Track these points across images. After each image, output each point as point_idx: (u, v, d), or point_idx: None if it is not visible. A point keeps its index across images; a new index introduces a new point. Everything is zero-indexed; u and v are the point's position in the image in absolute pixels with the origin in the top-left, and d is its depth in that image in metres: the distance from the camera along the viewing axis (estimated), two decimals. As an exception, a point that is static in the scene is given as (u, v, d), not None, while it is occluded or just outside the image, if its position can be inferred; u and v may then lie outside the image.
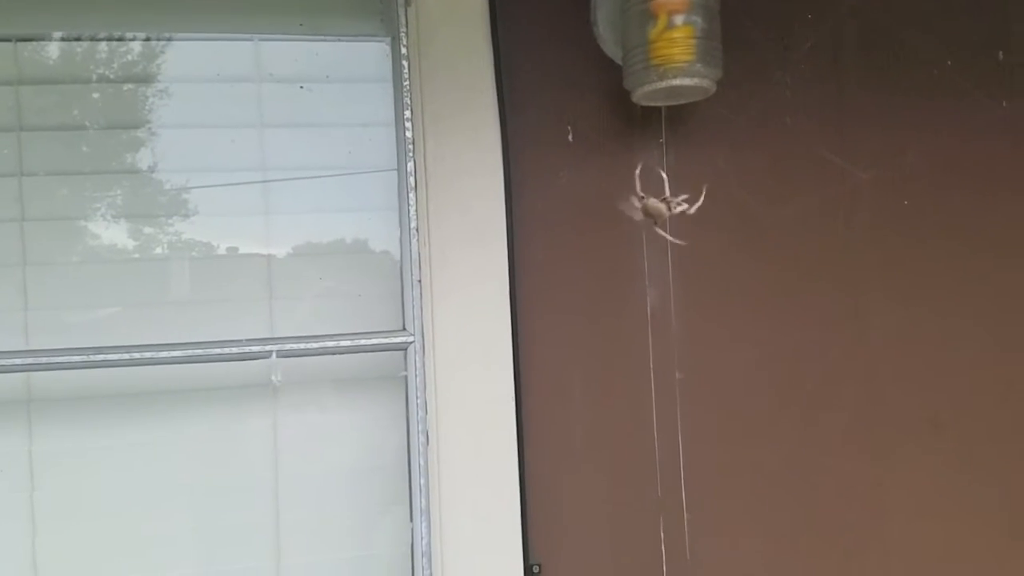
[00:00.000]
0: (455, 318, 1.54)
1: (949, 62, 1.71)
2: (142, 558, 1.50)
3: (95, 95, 1.53)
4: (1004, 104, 1.71)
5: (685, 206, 1.52)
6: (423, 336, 1.51)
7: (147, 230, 1.55)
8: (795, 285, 1.64)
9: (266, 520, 1.55)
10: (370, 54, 1.57)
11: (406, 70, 1.47)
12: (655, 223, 1.55)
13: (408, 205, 1.51)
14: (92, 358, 1.40)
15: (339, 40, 1.56)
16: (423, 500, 1.49)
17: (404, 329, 1.53)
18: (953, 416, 1.67)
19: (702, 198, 1.54)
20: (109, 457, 1.51)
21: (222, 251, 1.56)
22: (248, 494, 1.55)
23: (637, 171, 1.54)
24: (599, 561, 1.57)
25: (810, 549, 1.63)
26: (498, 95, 1.54)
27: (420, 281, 1.50)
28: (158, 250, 1.54)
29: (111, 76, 1.54)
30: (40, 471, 1.49)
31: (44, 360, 1.39)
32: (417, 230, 1.50)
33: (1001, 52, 1.73)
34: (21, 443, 1.48)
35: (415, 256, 1.50)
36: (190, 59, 1.54)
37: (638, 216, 1.55)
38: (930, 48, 1.70)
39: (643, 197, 1.53)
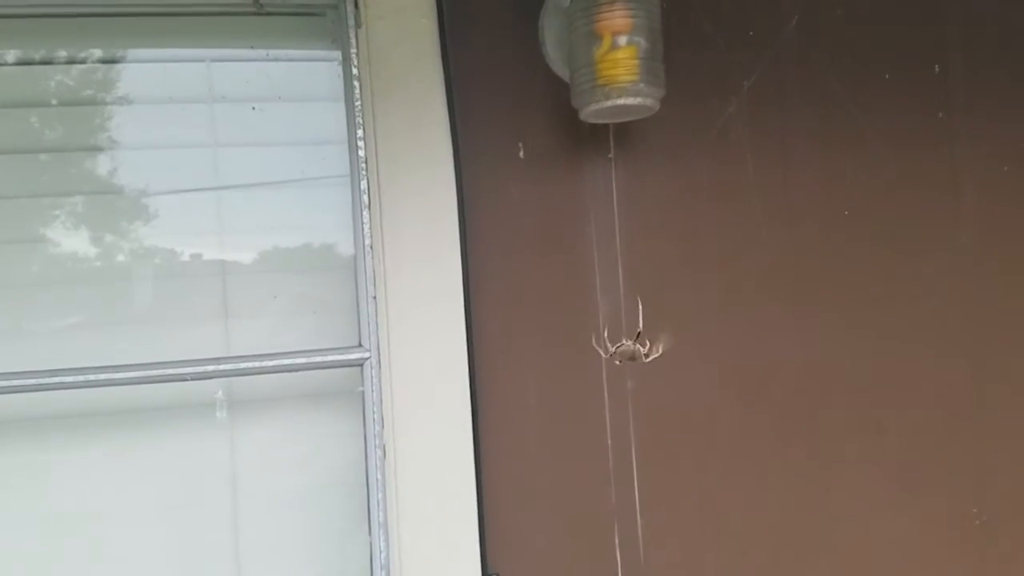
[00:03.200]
0: (411, 333, 1.56)
1: (887, 75, 1.77)
2: (101, 572, 1.50)
3: (50, 117, 1.53)
4: (940, 115, 1.78)
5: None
6: (379, 352, 1.53)
7: (102, 245, 1.55)
8: (743, 294, 1.69)
9: (225, 537, 1.56)
10: (322, 74, 1.59)
11: (357, 90, 1.49)
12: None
13: (362, 223, 1.53)
14: (47, 380, 1.40)
15: (291, 61, 1.58)
16: (381, 514, 1.51)
17: (360, 345, 1.55)
18: (896, 421, 1.73)
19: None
20: (65, 477, 1.51)
21: (177, 269, 1.57)
22: (206, 511, 1.55)
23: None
24: (556, 569, 1.60)
25: (761, 553, 1.67)
26: (450, 114, 1.57)
27: (375, 297, 1.53)
28: (118, 260, 1.55)
29: (66, 98, 1.54)
30: (-6, 492, 1.49)
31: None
32: (372, 247, 1.53)
33: (937, 66, 1.79)
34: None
35: (370, 272, 1.52)
36: (143, 80, 1.55)
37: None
38: (869, 63, 1.76)
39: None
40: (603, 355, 1.62)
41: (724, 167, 1.68)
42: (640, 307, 1.62)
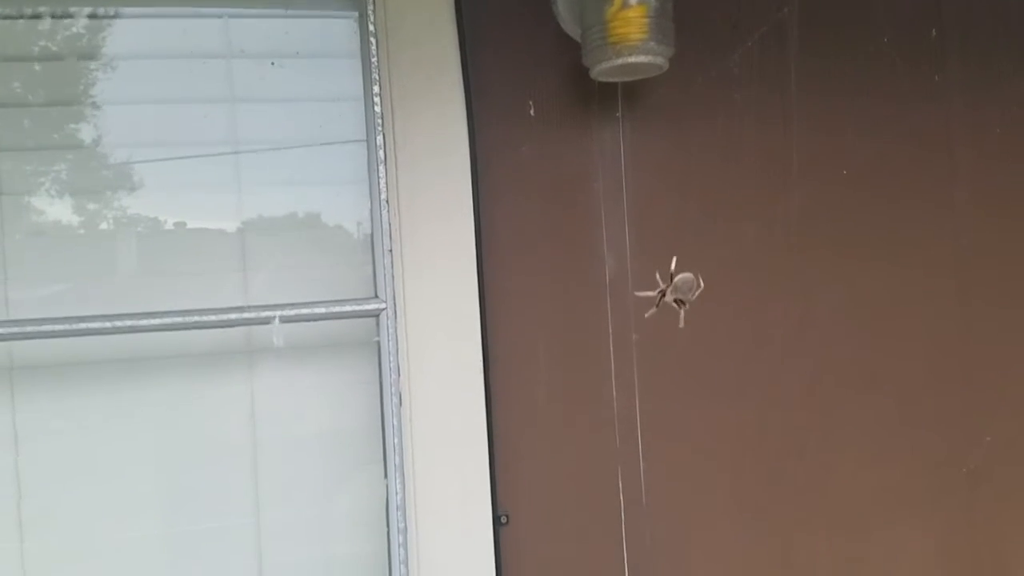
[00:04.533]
0: (425, 287, 1.62)
1: (885, 39, 1.82)
2: (126, 519, 1.57)
3: (73, 71, 1.56)
4: (936, 78, 1.83)
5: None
6: (395, 303, 1.59)
7: (120, 205, 1.59)
8: (745, 250, 1.75)
9: (245, 480, 1.62)
10: (339, 31, 1.62)
11: (374, 47, 1.53)
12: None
13: (378, 178, 1.58)
14: (75, 327, 1.45)
15: (309, 17, 1.61)
16: (397, 458, 1.58)
17: (376, 296, 1.61)
18: (886, 367, 1.82)
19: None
20: (92, 423, 1.56)
21: (195, 225, 1.62)
22: (227, 456, 1.62)
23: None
24: (562, 510, 1.68)
25: (759, 498, 1.76)
26: (463, 72, 1.61)
27: (391, 251, 1.58)
28: (136, 214, 1.59)
29: (85, 53, 1.57)
30: (24, 438, 1.54)
31: (29, 329, 1.44)
32: (387, 202, 1.58)
33: (934, 30, 1.84)
34: (4, 411, 1.53)
35: (386, 227, 1.57)
36: (161, 35, 1.58)
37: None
38: (870, 26, 1.80)
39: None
40: (635, 303, 1.66)
41: (730, 125, 1.74)
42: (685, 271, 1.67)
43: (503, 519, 1.65)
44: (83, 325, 1.47)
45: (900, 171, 1.81)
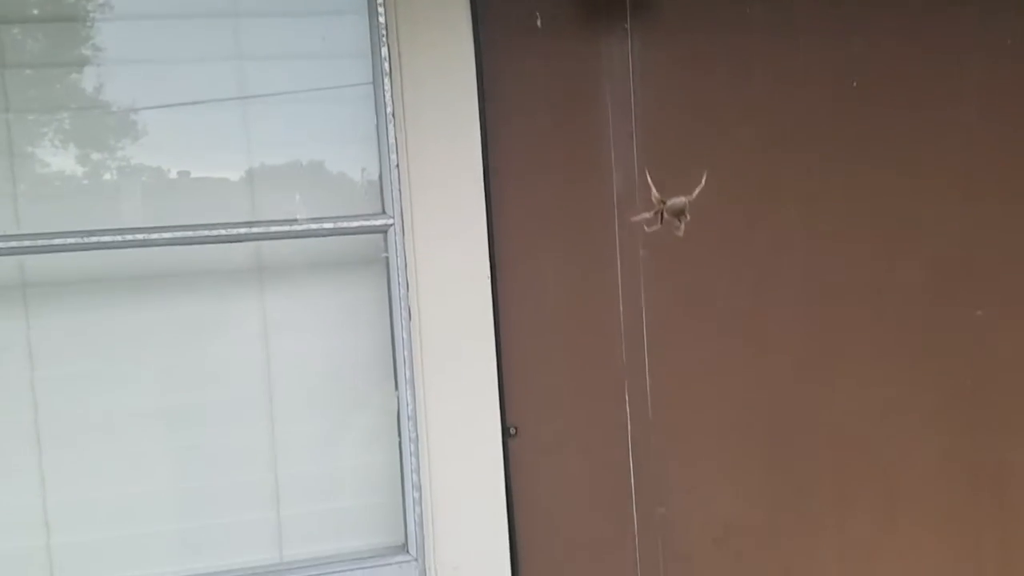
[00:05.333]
0: (432, 202, 1.62)
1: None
2: (140, 430, 1.60)
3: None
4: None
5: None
6: (402, 219, 1.59)
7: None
8: (753, 164, 1.74)
9: (259, 395, 1.65)
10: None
11: (377, -44, 1.51)
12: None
13: (384, 91, 1.57)
14: (86, 240, 1.46)
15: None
16: (408, 371, 1.61)
17: (384, 212, 1.61)
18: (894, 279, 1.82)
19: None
20: (104, 340, 1.58)
21: (202, 139, 1.61)
22: (240, 371, 1.64)
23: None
24: (569, 423, 1.71)
25: (760, 415, 1.78)
26: (469, -17, 1.58)
27: (398, 166, 1.58)
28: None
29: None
30: (38, 352, 1.57)
31: (40, 243, 1.45)
32: (393, 115, 1.57)
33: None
34: (19, 325, 1.55)
35: (392, 141, 1.57)
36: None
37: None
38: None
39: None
40: (643, 219, 1.65)
41: (739, 37, 1.71)
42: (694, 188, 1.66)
43: (511, 431, 1.68)
44: (94, 239, 1.48)
45: (909, 82, 1.78)
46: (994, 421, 1.86)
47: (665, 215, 1.62)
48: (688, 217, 1.59)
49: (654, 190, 1.61)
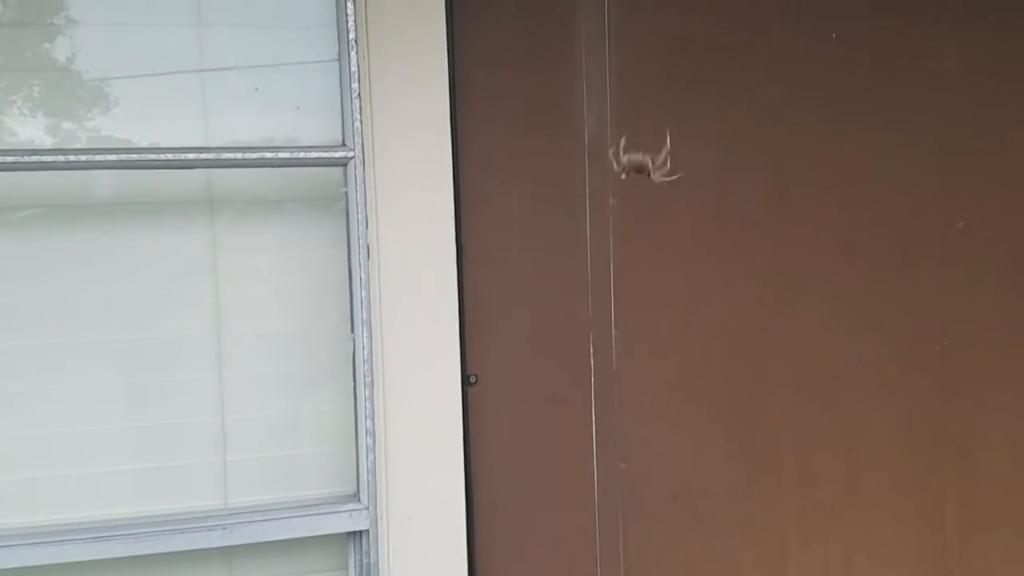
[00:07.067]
0: (395, 136, 1.55)
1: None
2: (79, 366, 1.52)
3: None
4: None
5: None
6: (363, 151, 1.52)
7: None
8: (728, 116, 1.70)
9: (206, 334, 1.57)
10: None
11: None
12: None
13: (346, 15, 1.49)
14: (26, 159, 1.38)
15: None
16: (364, 312, 1.54)
17: (344, 144, 1.54)
18: (864, 242, 1.79)
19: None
20: (43, 267, 1.50)
21: (154, 66, 1.53)
22: (187, 308, 1.56)
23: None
24: (532, 373, 1.66)
25: (725, 371, 1.75)
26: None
27: (360, 96, 1.51)
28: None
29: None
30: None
31: (-27, 158, 1.36)
32: (355, 42, 1.50)
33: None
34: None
35: (353, 69, 1.50)
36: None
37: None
38: None
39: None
40: (615, 167, 1.60)
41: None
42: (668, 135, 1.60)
43: (472, 379, 1.63)
44: (35, 158, 1.39)
45: (889, 32, 1.75)
46: (959, 386, 1.84)
47: (629, 172, 1.58)
48: (653, 174, 1.55)
49: (615, 150, 1.56)
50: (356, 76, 1.50)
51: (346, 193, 1.54)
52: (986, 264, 1.84)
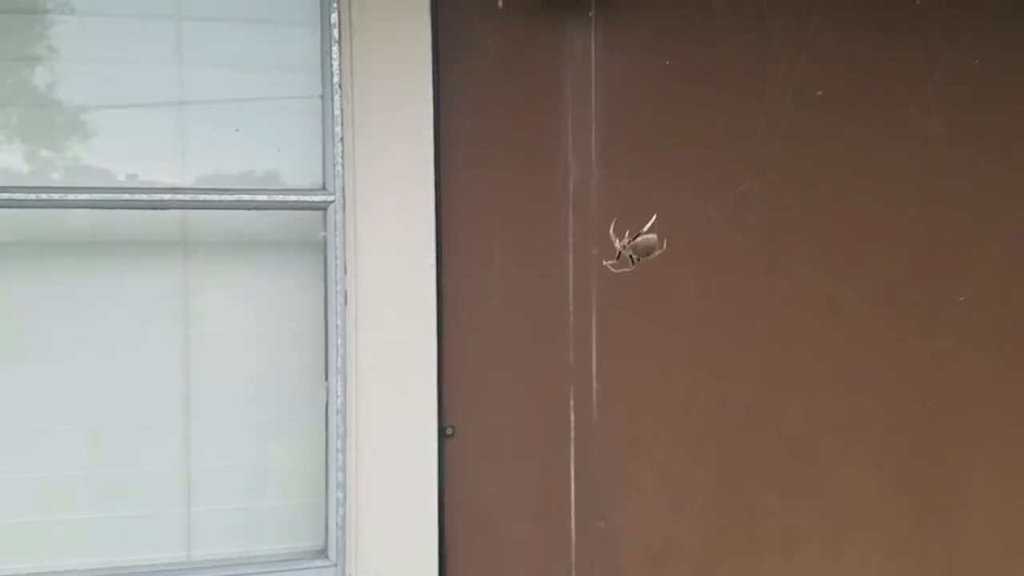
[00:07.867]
0: (377, 181, 1.52)
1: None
2: (44, 410, 1.47)
3: None
4: (917, 2, 1.77)
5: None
6: (344, 196, 1.49)
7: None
8: (705, 161, 1.68)
9: (175, 378, 1.52)
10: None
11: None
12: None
13: (331, 60, 1.48)
14: (-6, 196, 1.34)
15: None
16: (339, 360, 1.50)
17: (324, 188, 1.51)
18: (850, 303, 1.77)
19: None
20: (8, 307, 1.45)
21: (131, 102, 1.50)
22: (157, 352, 1.52)
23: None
24: (510, 426, 1.61)
25: (712, 426, 1.71)
26: (427, -46, 1.51)
27: (343, 139, 1.48)
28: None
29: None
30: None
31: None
32: (340, 86, 1.48)
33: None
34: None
35: (337, 113, 1.48)
36: None
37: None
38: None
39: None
40: (617, 246, 1.57)
41: (705, 34, 1.66)
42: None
43: (448, 431, 1.58)
44: (5, 196, 1.35)
45: (874, 93, 1.75)
46: (943, 446, 1.81)
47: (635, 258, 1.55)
48: (642, 262, 1.53)
49: (617, 241, 1.54)
50: (339, 120, 1.48)
51: (325, 237, 1.51)
52: (971, 327, 1.82)
